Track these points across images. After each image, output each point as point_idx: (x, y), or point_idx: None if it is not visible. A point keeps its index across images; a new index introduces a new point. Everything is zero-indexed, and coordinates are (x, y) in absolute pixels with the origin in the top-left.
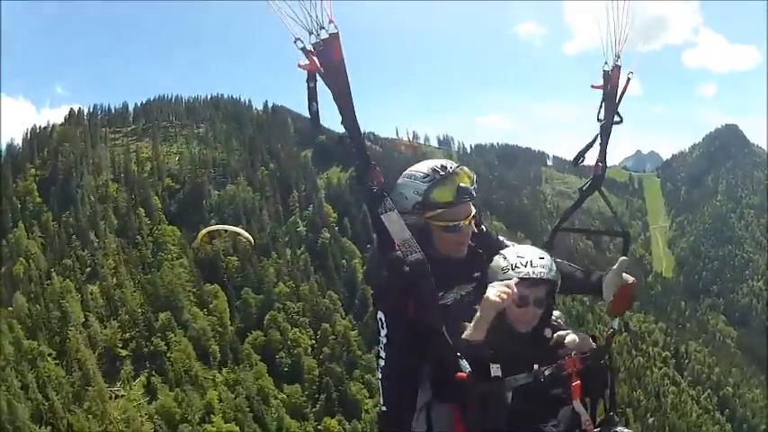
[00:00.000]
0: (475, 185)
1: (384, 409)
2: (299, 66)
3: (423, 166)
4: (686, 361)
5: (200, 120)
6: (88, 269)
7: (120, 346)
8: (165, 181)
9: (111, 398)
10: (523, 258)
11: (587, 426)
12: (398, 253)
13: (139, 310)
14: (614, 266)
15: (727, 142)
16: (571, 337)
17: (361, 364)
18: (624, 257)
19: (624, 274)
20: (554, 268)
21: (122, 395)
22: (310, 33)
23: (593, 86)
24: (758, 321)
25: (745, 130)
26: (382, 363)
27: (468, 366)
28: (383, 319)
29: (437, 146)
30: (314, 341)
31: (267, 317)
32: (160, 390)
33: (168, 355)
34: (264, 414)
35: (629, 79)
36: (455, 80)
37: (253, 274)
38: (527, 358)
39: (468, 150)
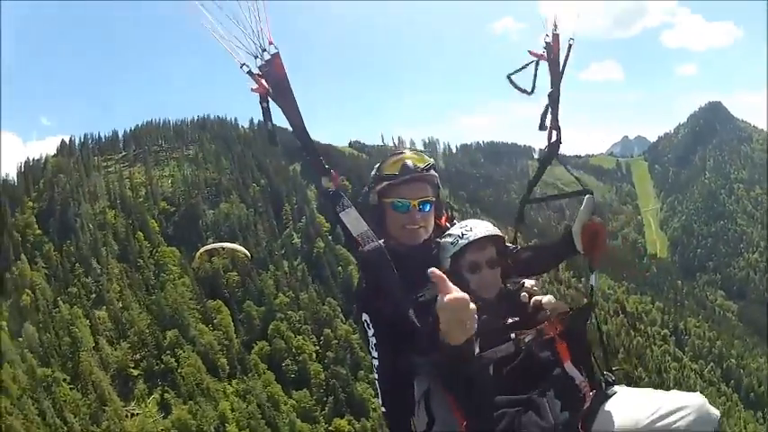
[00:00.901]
0: (428, 170)
1: (384, 409)
2: (252, 90)
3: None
4: (686, 337)
5: (189, 141)
6: (93, 295)
7: (132, 366)
8: (160, 204)
9: (127, 416)
10: (464, 227)
11: (584, 387)
12: (361, 248)
13: (147, 331)
14: (581, 208)
15: (711, 120)
16: (548, 297)
17: (365, 364)
18: (589, 195)
19: (592, 216)
20: (495, 227)
21: (138, 413)
22: (255, 57)
23: (529, 52)
24: (757, 293)
25: (728, 107)
26: (375, 363)
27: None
28: (368, 320)
29: (423, 149)
30: (318, 347)
31: (270, 327)
32: (174, 404)
33: (179, 370)
34: (276, 420)
35: (570, 46)
36: (439, 82)
37: (253, 288)
38: (503, 326)
39: (454, 150)
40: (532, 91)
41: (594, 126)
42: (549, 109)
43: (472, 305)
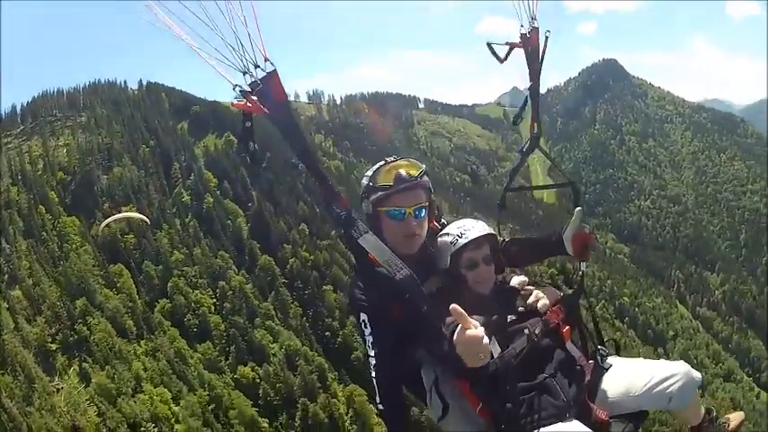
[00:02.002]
0: (424, 177)
1: (381, 407)
2: (233, 105)
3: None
4: (574, 276)
5: (82, 108)
6: (6, 276)
7: (50, 341)
8: (57, 175)
9: (56, 391)
10: (462, 227)
11: (582, 362)
12: (383, 270)
13: (59, 303)
14: (572, 218)
15: (604, 76)
16: (542, 298)
17: (260, 312)
18: (578, 208)
19: (581, 224)
20: (488, 226)
21: (62, 387)
22: (244, 73)
23: (507, 43)
24: (650, 237)
25: (626, 66)
26: (373, 362)
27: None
28: (366, 320)
29: (307, 101)
30: (215, 299)
31: (169, 284)
32: (93, 372)
33: (92, 338)
34: (186, 373)
35: (546, 38)
36: (322, 35)
37: (149, 248)
38: (506, 322)
39: (339, 102)
40: (505, 59)
41: (487, 77)
42: (530, 102)
43: (485, 340)
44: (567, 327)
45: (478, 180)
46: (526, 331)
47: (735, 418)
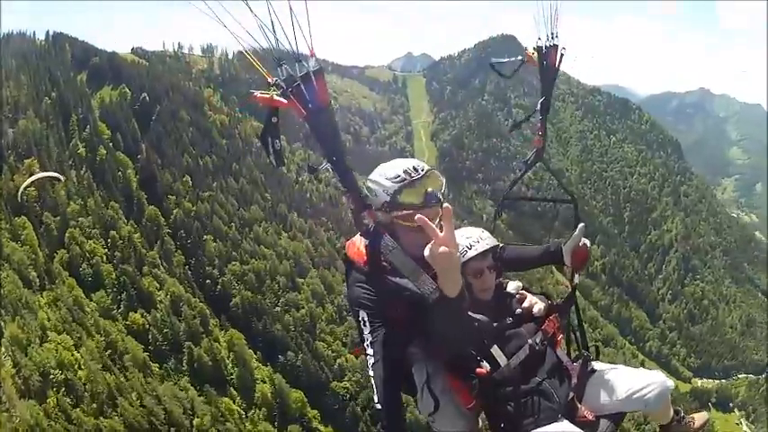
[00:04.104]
0: (444, 190)
1: (378, 406)
2: (255, 98)
3: (395, 167)
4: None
5: None
6: None
7: None
8: None
9: None
10: (470, 238)
11: (569, 365)
12: (412, 286)
13: None
14: (575, 233)
15: (500, 50)
16: (537, 303)
17: (148, 260)
18: (582, 224)
19: (582, 239)
20: (493, 238)
21: None
22: (280, 65)
23: (525, 61)
24: (529, 206)
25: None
26: (371, 360)
27: (487, 365)
28: (365, 318)
29: (201, 54)
30: (107, 249)
31: (66, 235)
32: (5, 324)
33: (2, 291)
34: (84, 321)
35: (562, 55)
36: None
37: (48, 200)
38: (506, 325)
39: (231, 56)
40: (511, 76)
41: (382, 40)
42: (540, 117)
43: (456, 255)
44: (562, 335)
45: (360, 140)
46: (529, 341)
47: (699, 417)
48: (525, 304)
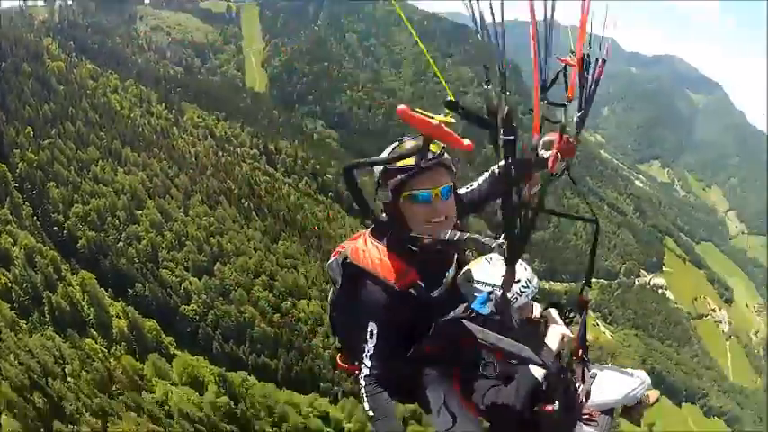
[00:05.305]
0: (445, 155)
1: (371, 413)
2: (407, 114)
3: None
4: (278, 156)
5: None
6: None
7: None
8: None
9: None
10: (521, 281)
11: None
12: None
13: None
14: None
15: None
16: (566, 333)
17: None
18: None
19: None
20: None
21: None
22: (486, 83)
23: (559, 59)
24: (360, 124)
25: None
26: (366, 371)
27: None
28: (374, 330)
29: (43, 3)
30: None
31: None
32: None
33: None
34: None
35: (605, 61)
36: None
37: None
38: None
39: (70, 2)
40: (550, 86)
41: None
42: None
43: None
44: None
45: (192, 72)
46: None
47: (653, 394)
48: (557, 343)
